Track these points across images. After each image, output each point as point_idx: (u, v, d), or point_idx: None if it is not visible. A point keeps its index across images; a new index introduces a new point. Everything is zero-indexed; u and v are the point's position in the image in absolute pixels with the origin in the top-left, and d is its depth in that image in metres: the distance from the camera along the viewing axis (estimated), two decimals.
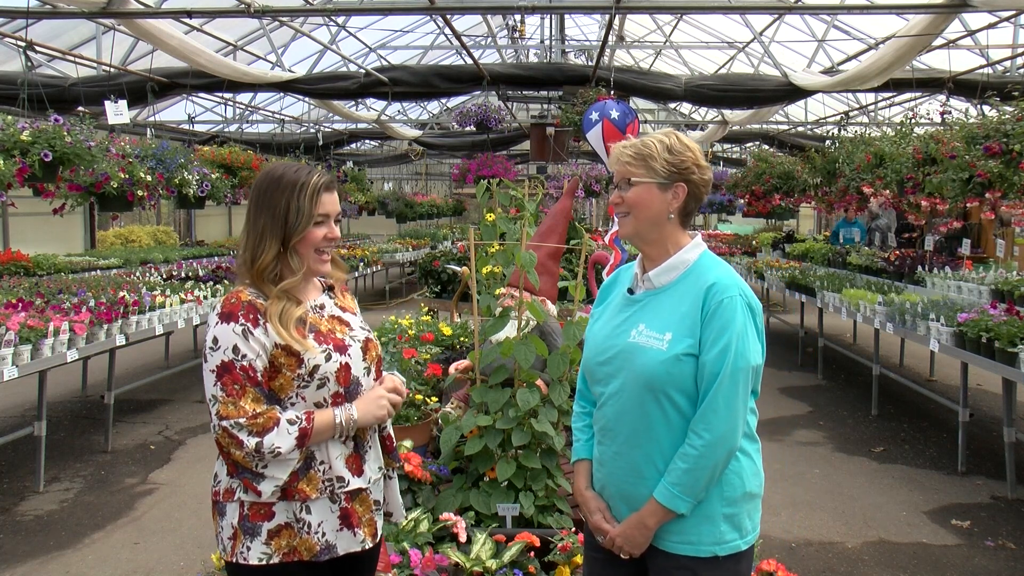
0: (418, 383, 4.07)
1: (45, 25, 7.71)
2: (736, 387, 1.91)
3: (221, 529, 1.98)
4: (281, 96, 12.93)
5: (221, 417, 1.88)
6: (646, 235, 2.08)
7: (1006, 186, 5.83)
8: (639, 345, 2.00)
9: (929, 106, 11.03)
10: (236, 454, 1.90)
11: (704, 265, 2.05)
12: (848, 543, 4.60)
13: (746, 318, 1.95)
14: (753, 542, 2.03)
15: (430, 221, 22.37)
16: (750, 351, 1.93)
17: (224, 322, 1.92)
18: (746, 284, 2.02)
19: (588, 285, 4.70)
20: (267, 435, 1.88)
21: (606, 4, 6.72)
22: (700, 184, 2.06)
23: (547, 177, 10.06)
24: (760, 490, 2.06)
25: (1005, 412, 5.35)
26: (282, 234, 1.99)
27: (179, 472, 5.76)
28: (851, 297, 7.47)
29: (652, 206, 2.05)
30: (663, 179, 2.03)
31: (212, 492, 2.02)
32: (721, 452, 1.91)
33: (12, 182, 5.55)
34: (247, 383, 1.90)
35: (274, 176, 2.03)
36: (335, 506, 1.99)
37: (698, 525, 1.96)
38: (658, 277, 2.07)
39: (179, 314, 6.86)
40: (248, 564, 1.92)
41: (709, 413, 1.91)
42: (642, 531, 1.99)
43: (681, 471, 1.92)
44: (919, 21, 6.25)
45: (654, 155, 2.04)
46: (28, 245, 9.82)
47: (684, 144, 2.06)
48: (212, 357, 1.91)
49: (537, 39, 13.61)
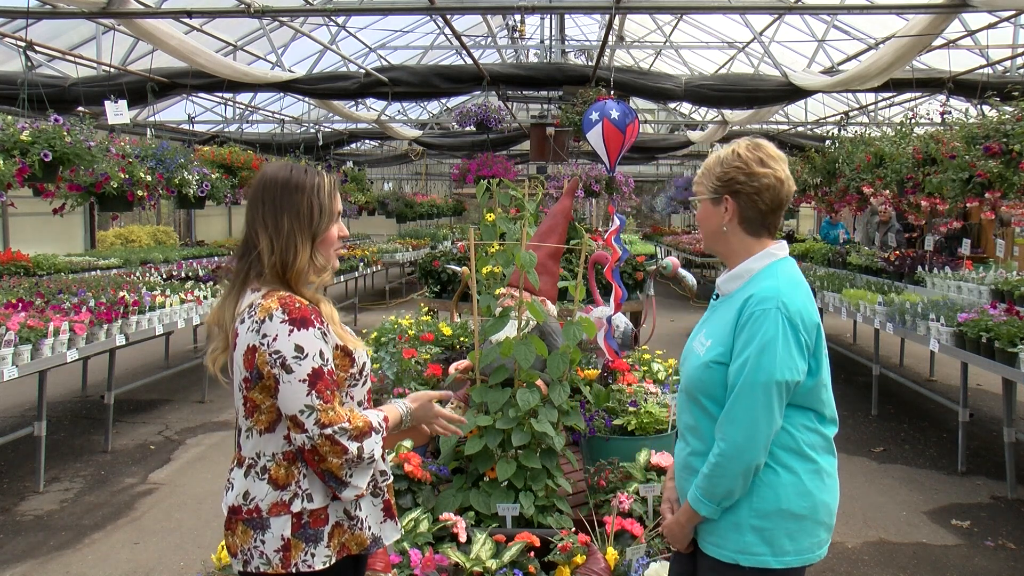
0: (418, 383, 4.07)
1: (45, 25, 7.70)
2: (753, 400, 1.89)
3: (261, 543, 1.89)
4: (281, 96, 12.92)
5: (323, 425, 1.81)
6: (713, 248, 2.14)
7: (1006, 186, 5.83)
8: (693, 350, 2.10)
9: (929, 106, 11.03)
10: (334, 463, 1.83)
11: (761, 276, 2.03)
12: (848, 543, 4.60)
13: (779, 331, 1.90)
14: (794, 566, 1.95)
15: (430, 221, 22.36)
16: (776, 365, 1.89)
17: (301, 328, 1.85)
18: (798, 298, 1.96)
19: (588, 285, 4.70)
20: (365, 440, 1.86)
21: (606, 4, 6.72)
22: (752, 192, 2.01)
23: (547, 177, 10.05)
24: (810, 513, 1.96)
25: (1005, 412, 5.35)
26: (311, 234, 1.97)
27: (179, 472, 5.76)
28: (851, 297, 7.47)
29: (709, 222, 2.09)
30: (713, 194, 2.06)
31: (244, 511, 1.91)
32: (737, 463, 1.91)
33: (12, 182, 5.55)
34: (334, 388, 1.87)
35: (285, 178, 1.99)
36: (378, 500, 2.01)
37: (726, 530, 1.98)
38: (724, 285, 2.11)
39: (179, 314, 6.86)
40: (313, 571, 1.89)
41: (727, 423, 1.93)
42: (678, 527, 2.08)
43: (703, 476, 1.97)
44: (919, 21, 6.25)
45: (708, 171, 2.08)
46: (28, 245, 9.82)
47: (736, 154, 2.03)
48: (300, 366, 1.82)
49: (537, 39, 13.61)
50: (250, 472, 1.93)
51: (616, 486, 3.11)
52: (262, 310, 1.87)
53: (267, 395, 1.89)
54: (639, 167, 23.38)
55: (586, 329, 3.07)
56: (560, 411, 3.06)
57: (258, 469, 1.92)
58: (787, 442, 1.97)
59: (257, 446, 1.94)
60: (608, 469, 3.20)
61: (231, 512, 1.94)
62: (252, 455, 1.95)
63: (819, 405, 2.01)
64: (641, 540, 2.75)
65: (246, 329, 1.89)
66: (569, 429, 3.31)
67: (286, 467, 1.91)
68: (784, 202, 2.05)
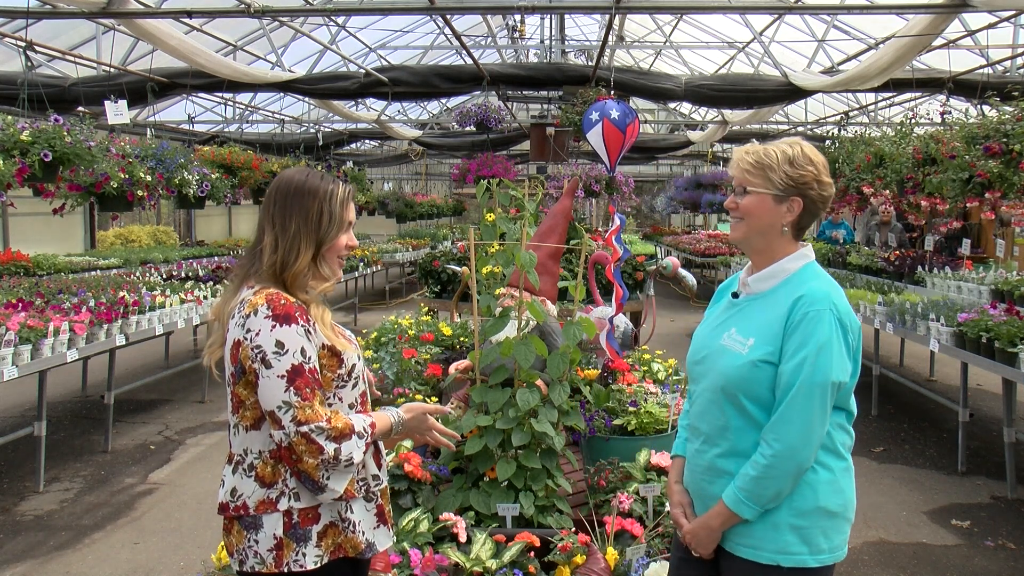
0: (418, 383, 4.07)
1: (45, 25, 7.70)
2: (811, 401, 1.89)
3: (255, 543, 1.90)
4: (281, 96, 12.92)
5: (299, 423, 1.80)
6: (754, 243, 2.08)
7: (1006, 186, 5.83)
8: (725, 348, 2.03)
9: (929, 106, 11.03)
10: (310, 462, 1.83)
11: (803, 276, 2.02)
12: (848, 543, 4.59)
13: (833, 333, 1.90)
14: (828, 563, 1.97)
15: (430, 221, 22.36)
16: (832, 367, 1.89)
17: (284, 324, 1.85)
18: (844, 300, 1.98)
19: (588, 285, 4.70)
20: (344, 442, 1.85)
21: (606, 4, 6.72)
22: (818, 200, 2.02)
23: (547, 177, 10.05)
24: (842, 510, 2.00)
25: (1005, 412, 5.35)
26: (316, 239, 1.98)
27: (179, 472, 5.76)
28: (851, 297, 7.47)
29: (764, 217, 2.04)
30: (779, 191, 2.01)
31: (233, 508, 1.92)
32: (791, 464, 1.90)
33: (12, 182, 5.55)
34: (315, 386, 1.86)
35: (300, 181, 2.00)
36: (371, 504, 2.00)
37: (763, 531, 1.95)
38: (757, 283, 2.07)
39: (179, 314, 6.86)
40: (304, 571, 1.89)
41: (781, 424, 1.91)
42: (708, 531, 2.02)
43: (750, 478, 1.93)
44: (919, 21, 6.25)
45: (774, 166, 2.01)
46: (28, 245, 9.82)
47: (807, 157, 2.01)
48: (279, 362, 1.83)
49: (537, 39, 13.62)
50: (238, 469, 1.94)
51: (616, 486, 3.11)
52: (249, 305, 1.90)
53: (251, 391, 1.90)
54: (639, 167, 23.40)
55: (586, 329, 3.07)
56: (560, 411, 3.06)
57: (245, 466, 1.93)
58: (824, 441, 1.97)
59: (244, 442, 1.95)
60: (608, 469, 3.20)
61: (220, 509, 1.96)
62: (240, 451, 1.95)
63: (850, 404, 2.02)
64: (641, 540, 2.75)
65: (234, 324, 1.92)
66: (569, 429, 3.31)
67: (272, 465, 1.91)
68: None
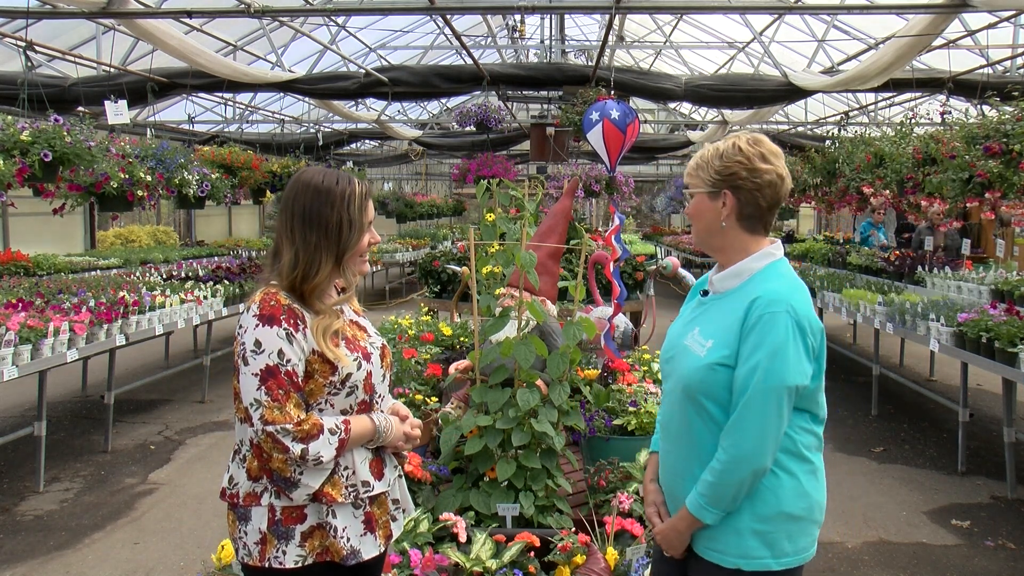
0: (418, 383, 4.07)
1: (45, 25, 7.70)
2: (766, 406, 1.85)
3: (244, 534, 1.93)
4: (281, 96, 12.92)
5: (266, 422, 1.83)
6: (707, 243, 2.07)
7: (1006, 186, 5.83)
8: (688, 348, 2.01)
9: (929, 106, 11.02)
10: (277, 458, 1.86)
11: (764, 276, 1.98)
12: (848, 543, 4.60)
13: (789, 336, 1.86)
14: (792, 566, 1.94)
15: (430, 221, 22.37)
16: (788, 371, 1.85)
17: (266, 325, 1.88)
18: (804, 301, 1.92)
19: (588, 285, 4.70)
20: (312, 442, 1.86)
21: (606, 4, 6.72)
22: (753, 188, 1.97)
23: (547, 177, 10.05)
24: (807, 513, 1.96)
25: (1005, 412, 5.35)
26: (336, 250, 1.97)
27: (179, 472, 5.76)
28: (851, 297, 7.47)
29: (705, 215, 2.03)
30: (711, 187, 2.00)
31: (228, 496, 1.97)
32: (745, 470, 1.87)
33: (12, 182, 5.55)
34: (291, 388, 1.87)
35: (315, 187, 1.98)
36: (359, 512, 1.98)
37: (726, 536, 1.94)
38: (721, 283, 2.05)
39: (179, 314, 6.85)
40: (284, 568, 1.90)
41: (736, 430, 1.88)
42: (676, 534, 2.01)
43: (708, 483, 1.91)
44: (919, 21, 6.25)
45: (704, 164, 2.01)
46: (28, 245, 9.82)
47: (738, 148, 1.98)
48: (255, 360, 1.86)
49: (537, 39, 13.62)
50: (235, 458, 2.00)
51: (616, 486, 3.11)
52: (248, 302, 1.96)
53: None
54: (639, 167, 23.39)
55: (586, 329, 3.07)
56: (560, 411, 3.06)
57: (240, 457, 1.98)
58: (786, 445, 1.93)
59: (240, 434, 2.00)
60: (608, 469, 3.20)
61: (221, 493, 2.01)
62: (238, 442, 2.01)
63: (815, 407, 1.98)
64: (641, 540, 2.75)
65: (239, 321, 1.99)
66: (569, 429, 3.31)
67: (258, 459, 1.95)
68: (782, 200, 2.02)
